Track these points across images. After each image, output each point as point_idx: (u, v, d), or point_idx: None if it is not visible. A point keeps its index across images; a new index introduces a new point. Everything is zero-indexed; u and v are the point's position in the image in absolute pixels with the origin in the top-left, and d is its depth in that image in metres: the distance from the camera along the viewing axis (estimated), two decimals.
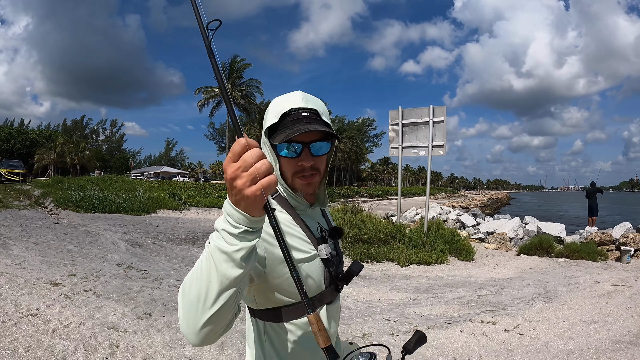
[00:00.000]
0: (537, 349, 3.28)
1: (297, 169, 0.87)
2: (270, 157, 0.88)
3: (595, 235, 9.36)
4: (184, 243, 7.34)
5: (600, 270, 6.81)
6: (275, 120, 0.84)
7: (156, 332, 3.05)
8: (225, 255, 0.62)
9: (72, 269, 5.07)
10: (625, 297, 4.87)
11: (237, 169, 0.59)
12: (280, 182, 0.90)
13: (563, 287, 5.41)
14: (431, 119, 8.46)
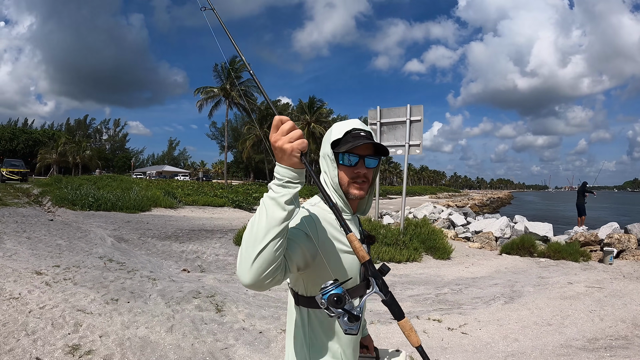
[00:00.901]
0: (475, 349, 3.24)
1: (353, 175, 1.06)
2: (331, 166, 1.07)
3: (580, 236, 9.29)
4: (168, 239, 7.75)
5: (579, 271, 6.74)
6: (339, 135, 1.06)
7: (117, 315, 3.46)
8: (272, 200, 0.83)
9: (57, 260, 5.49)
10: (594, 299, 4.77)
11: (278, 134, 0.83)
12: (335, 189, 1.08)
13: (531, 288, 5.36)
14: (408, 118, 8.56)
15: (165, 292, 4.11)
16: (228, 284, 4.60)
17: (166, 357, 2.63)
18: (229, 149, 71.05)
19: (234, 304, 3.70)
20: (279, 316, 3.46)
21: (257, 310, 3.56)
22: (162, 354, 2.67)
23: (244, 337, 2.95)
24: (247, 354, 2.64)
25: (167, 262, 5.68)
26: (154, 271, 5.08)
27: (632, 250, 8.24)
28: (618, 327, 3.81)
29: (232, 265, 5.71)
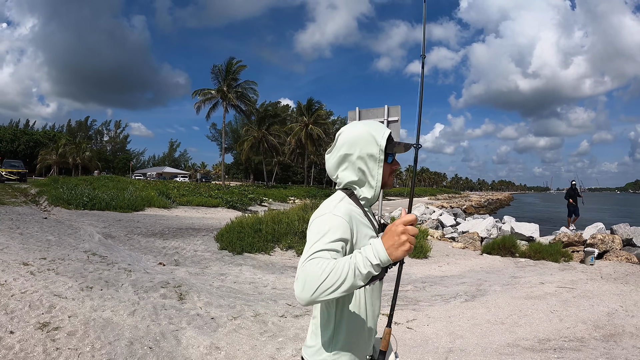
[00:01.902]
0: (415, 344, 3.30)
1: (391, 171, 1.23)
2: (377, 166, 1.18)
3: (563, 236, 9.26)
4: (153, 236, 8.15)
5: (556, 271, 6.71)
6: (385, 138, 1.18)
7: (89, 300, 3.85)
8: (361, 275, 0.91)
9: (45, 254, 5.89)
10: (560, 299, 4.75)
11: (407, 233, 0.92)
12: (379, 185, 1.20)
13: (498, 287, 5.35)
14: (386, 119, 8.44)
15: (137, 282, 4.50)
16: (197, 277, 4.99)
17: (122, 335, 3.01)
18: (230, 151, 71.66)
19: (196, 294, 4.08)
20: (234, 305, 3.79)
21: (216, 300, 3.94)
22: (119, 333, 3.05)
23: (196, 322, 3.30)
24: (194, 336, 2.99)
25: (147, 257, 6.07)
26: (131, 264, 5.47)
27: (616, 251, 8.21)
28: (576, 329, 3.75)
29: (206, 260, 6.09)
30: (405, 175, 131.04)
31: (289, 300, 4.24)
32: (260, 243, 6.83)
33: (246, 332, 3.10)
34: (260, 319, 3.53)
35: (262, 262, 6.13)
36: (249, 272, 5.37)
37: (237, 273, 5.29)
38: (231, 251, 6.68)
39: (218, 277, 4.98)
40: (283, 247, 6.97)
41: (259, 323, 3.32)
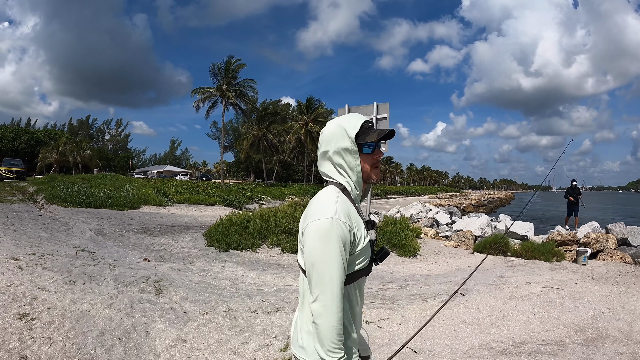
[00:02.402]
0: (383, 343, 3.29)
1: (373, 162, 1.20)
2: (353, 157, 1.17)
3: (556, 235, 9.11)
4: (144, 233, 8.29)
5: (546, 271, 6.60)
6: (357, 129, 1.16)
7: (70, 293, 3.99)
8: None
9: (35, 249, 6.04)
10: (545, 300, 4.65)
11: None
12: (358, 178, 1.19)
13: (483, 287, 5.30)
14: (374, 116, 8.46)
15: (119, 277, 4.64)
16: (179, 272, 5.13)
17: (95, 326, 3.15)
18: (231, 149, 71.81)
19: (174, 289, 4.21)
20: (209, 300, 3.91)
21: (192, 295, 4.07)
22: (93, 324, 3.19)
23: (168, 315, 3.43)
24: (163, 329, 3.12)
25: (134, 253, 6.21)
26: (117, 260, 5.62)
27: (610, 250, 8.04)
28: (556, 332, 3.64)
29: (192, 257, 6.23)
30: (407, 174, 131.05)
31: (264, 297, 4.29)
32: (247, 240, 6.97)
33: (215, 326, 3.22)
34: (232, 314, 3.61)
35: (247, 259, 6.26)
36: (231, 269, 5.50)
37: (219, 269, 5.42)
38: (218, 248, 6.82)
39: (199, 273, 5.11)
40: (270, 244, 7.11)
41: (230, 318, 3.42)
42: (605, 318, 4.07)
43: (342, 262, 1.08)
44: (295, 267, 6.00)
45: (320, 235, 1.08)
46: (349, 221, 1.11)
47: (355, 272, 1.16)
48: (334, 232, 1.07)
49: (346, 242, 1.09)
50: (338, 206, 1.12)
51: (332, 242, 1.07)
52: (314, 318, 1.08)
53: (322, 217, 1.09)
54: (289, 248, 6.85)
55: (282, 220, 7.54)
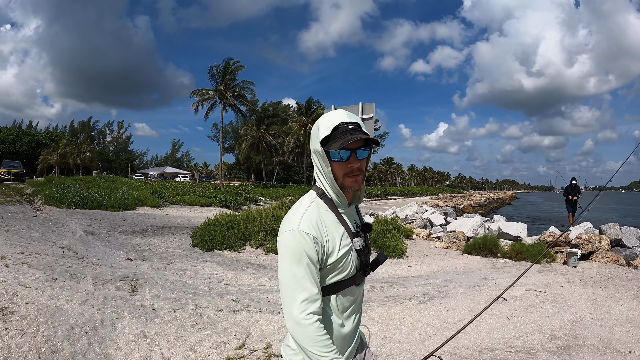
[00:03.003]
0: None
1: (347, 170, 1.08)
2: (324, 163, 1.09)
3: (548, 236, 8.95)
4: (133, 234, 8.50)
5: (534, 273, 6.46)
6: (327, 132, 1.05)
7: (50, 290, 4.19)
8: None
9: (24, 249, 6.23)
10: (525, 304, 4.55)
11: None
12: (331, 184, 1.10)
13: (462, 289, 5.23)
14: (360, 116, 8.98)
15: (99, 275, 4.83)
16: (158, 271, 5.32)
17: (67, 320, 3.34)
18: (231, 150, 72.16)
19: (149, 287, 4.39)
20: (180, 299, 4.06)
21: (165, 293, 4.24)
22: (65, 318, 3.38)
23: (137, 312, 3.60)
24: (129, 324, 3.29)
25: (118, 252, 6.41)
26: (101, 259, 5.82)
27: (603, 252, 7.88)
28: (530, 338, 3.49)
29: (174, 257, 6.41)
30: (409, 175, 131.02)
31: (235, 296, 4.39)
32: (230, 241, 7.15)
33: (179, 323, 3.37)
34: (199, 312, 3.73)
35: (228, 259, 6.44)
36: (210, 269, 5.68)
37: (198, 269, 5.60)
38: (202, 248, 7.01)
39: (178, 273, 5.30)
40: (253, 245, 7.29)
41: (195, 316, 3.57)
42: (586, 324, 3.89)
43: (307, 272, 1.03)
44: (273, 267, 6.22)
45: (281, 247, 1.06)
46: (314, 232, 1.04)
47: (338, 282, 1.11)
48: (293, 245, 1.03)
49: (311, 252, 1.03)
50: (305, 216, 1.07)
51: (291, 255, 1.03)
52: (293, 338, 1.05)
53: (285, 230, 1.06)
54: (272, 249, 7.02)
55: (267, 221, 7.72)
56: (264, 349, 2.97)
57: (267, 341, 3.10)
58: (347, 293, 1.14)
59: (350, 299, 1.16)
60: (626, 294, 5.10)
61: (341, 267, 1.10)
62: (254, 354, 2.84)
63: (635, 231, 9.21)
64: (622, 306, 4.53)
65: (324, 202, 1.12)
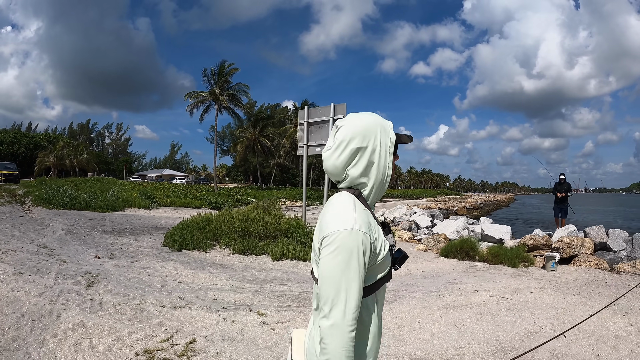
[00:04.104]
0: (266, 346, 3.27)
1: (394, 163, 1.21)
2: (388, 158, 1.15)
3: (528, 239, 8.70)
4: (111, 234, 8.85)
5: (507, 277, 6.36)
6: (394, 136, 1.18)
7: (14, 282, 4.53)
8: None
9: (2, 246, 6.55)
10: (481, 312, 4.38)
11: None
12: (385, 180, 1.16)
13: (421, 294, 5.15)
14: (331, 117, 8.65)
15: (63, 270, 5.18)
16: (120, 269, 5.65)
17: (19, 309, 3.68)
18: (230, 153, 72.63)
19: (105, 283, 4.71)
20: (129, 294, 4.31)
21: (118, 288, 4.51)
22: (18, 308, 3.72)
23: (84, 305, 3.91)
24: (73, 315, 3.59)
25: (90, 251, 6.75)
26: (71, 256, 6.17)
27: (585, 255, 7.59)
28: (471, 349, 3.35)
29: (142, 255, 6.71)
30: (408, 177, 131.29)
31: (183, 294, 4.58)
32: (199, 240, 7.49)
33: (119, 316, 3.66)
34: (141, 307, 3.93)
35: (193, 259, 6.76)
36: (171, 267, 5.99)
37: (159, 267, 5.92)
38: (171, 248, 7.35)
39: (138, 270, 5.62)
40: (222, 245, 7.62)
41: (137, 310, 3.84)
42: (543, 336, 3.67)
43: (361, 278, 1.04)
44: (234, 267, 6.47)
45: (338, 247, 1.03)
46: (369, 231, 1.07)
47: (378, 281, 1.14)
48: (354, 244, 1.03)
49: (366, 254, 1.05)
50: (357, 215, 1.07)
51: (352, 256, 1.03)
52: (322, 336, 1.03)
53: (341, 228, 1.05)
54: (239, 249, 7.30)
55: (236, 221, 8.06)
56: (186, 344, 3.17)
57: (194, 337, 3.31)
58: (382, 290, 1.19)
59: (383, 296, 1.22)
60: (599, 302, 4.84)
61: (384, 264, 1.14)
62: (173, 348, 3.06)
63: (622, 234, 8.99)
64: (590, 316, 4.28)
65: (362, 202, 1.14)
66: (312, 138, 9.17)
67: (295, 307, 4.33)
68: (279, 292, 5.00)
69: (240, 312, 3.93)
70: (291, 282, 5.67)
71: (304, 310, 4.19)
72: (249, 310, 4.00)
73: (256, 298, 4.63)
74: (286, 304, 4.49)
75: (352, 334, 1.02)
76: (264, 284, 5.50)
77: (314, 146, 9.25)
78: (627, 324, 4.11)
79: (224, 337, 3.33)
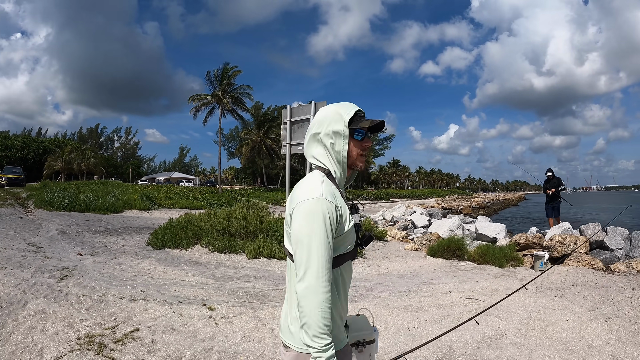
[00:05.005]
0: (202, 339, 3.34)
1: (362, 148, 1.25)
2: (342, 141, 1.22)
3: (520, 237, 8.44)
4: (102, 233, 9.23)
5: (489, 278, 6.17)
6: (351, 115, 1.23)
7: None
8: None
9: None
10: (444, 314, 4.20)
11: None
12: (342, 163, 1.24)
13: (387, 293, 5.07)
14: (312, 115, 8.47)
15: (43, 266, 5.54)
16: (97, 265, 5.98)
17: None
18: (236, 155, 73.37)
19: (78, 277, 5.03)
20: (95, 287, 4.61)
21: (88, 282, 4.82)
22: None
23: (51, 295, 4.22)
24: (38, 303, 3.91)
25: (75, 249, 7.11)
26: (55, 254, 6.54)
27: (578, 254, 7.25)
28: (415, 354, 3.18)
29: (122, 253, 7.04)
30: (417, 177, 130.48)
31: (146, 288, 4.77)
32: (180, 239, 7.80)
33: (78, 305, 3.95)
34: (102, 298, 4.16)
35: (172, 257, 7.06)
36: (146, 264, 6.29)
37: (135, 264, 6.23)
38: (153, 246, 7.69)
39: (113, 266, 5.94)
40: (203, 243, 7.92)
41: (96, 301, 4.11)
42: (503, 343, 3.44)
43: (329, 240, 1.11)
44: (208, 265, 6.67)
45: (306, 213, 1.12)
46: (335, 201, 1.15)
47: (342, 255, 1.20)
48: (320, 210, 1.11)
49: (332, 220, 1.12)
50: (324, 187, 1.16)
51: (319, 219, 1.10)
52: (299, 300, 1.09)
53: (309, 197, 1.14)
54: (218, 247, 7.54)
55: (217, 220, 8.36)
56: (128, 332, 3.35)
57: (138, 327, 3.49)
58: (347, 267, 1.25)
59: (348, 271, 1.27)
60: (582, 305, 4.55)
61: (348, 239, 1.21)
62: (115, 335, 3.26)
63: (622, 231, 8.76)
64: (567, 321, 3.98)
65: (330, 180, 1.22)
66: (295, 137, 9.23)
67: (249, 304, 4.40)
68: (241, 289, 5.13)
69: (192, 306, 4.08)
70: (258, 280, 5.79)
71: (257, 307, 4.25)
72: (202, 305, 4.14)
73: (215, 294, 4.77)
74: (242, 300, 4.59)
75: (327, 294, 1.08)
76: (230, 280, 5.64)
77: (296, 145, 9.25)
78: (606, 332, 3.70)
79: (166, 328, 3.49)
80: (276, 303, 4.47)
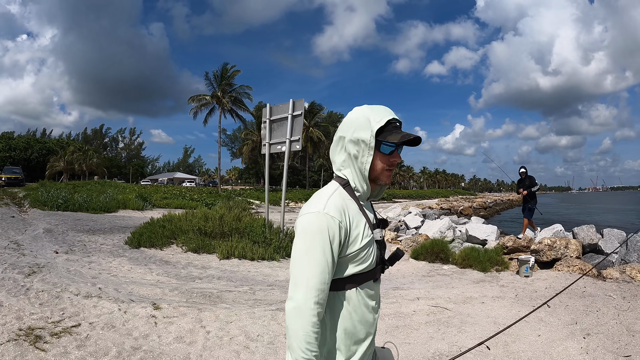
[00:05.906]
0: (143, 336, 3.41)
1: (388, 164, 1.12)
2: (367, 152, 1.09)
3: (507, 240, 8.04)
4: (86, 232, 9.52)
5: (467, 283, 5.92)
6: (382, 124, 1.08)
7: None
8: None
9: None
10: (400, 324, 3.98)
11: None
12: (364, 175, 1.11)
13: None
14: (290, 113, 8.47)
15: (16, 262, 5.82)
16: (69, 262, 6.24)
17: None
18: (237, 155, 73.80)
19: (46, 274, 5.27)
20: (57, 282, 4.80)
21: (53, 279, 5.04)
22: None
23: (15, 290, 4.46)
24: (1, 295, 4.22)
25: (53, 247, 7.41)
26: (33, 251, 6.82)
27: (569, 259, 6.82)
28: None
29: (98, 252, 7.28)
30: (422, 177, 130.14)
31: (104, 285, 4.90)
32: (155, 239, 8.03)
33: (34, 300, 4.16)
34: (58, 294, 4.27)
35: (144, 256, 7.27)
36: (117, 262, 6.50)
37: (106, 262, 6.45)
38: (130, 245, 7.94)
39: (83, 264, 6.17)
40: (179, 243, 8.15)
41: (52, 296, 4.28)
42: None
43: (326, 258, 1.02)
44: (178, 264, 6.81)
45: (302, 228, 1.05)
46: (339, 216, 1.05)
47: (356, 275, 1.10)
48: (317, 225, 1.03)
49: (333, 237, 1.03)
50: (330, 200, 1.07)
51: (314, 235, 1.02)
52: (286, 319, 1.02)
53: (309, 211, 1.06)
54: (192, 247, 7.68)
55: (194, 220, 8.60)
56: (69, 327, 3.45)
57: (81, 322, 3.57)
58: (365, 287, 1.13)
59: (370, 294, 1.15)
60: (561, 318, 4.12)
61: (363, 257, 1.10)
62: (55, 329, 3.39)
63: (619, 234, 8.29)
64: (538, 337, 3.56)
65: (347, 192, 1.13)
66: (275, 136, 8.99)
67: (199, 304, 4.34)
68: (198, 289, 5.09)
69: (140, 305, 4.12)
70: (220, 280, 5.75)
71: (205, 308, 4.20)
72: (150, 304, 4.18)
73: (170, 293, 4.79)
74: (194, 300, 4.55)
75: (314, 318, 1.00)
76: (191, 280, 5.66)
77: (275, 144, 9.02)
78: (582, 352, 3.25)
79: (105, 325, 3.57)
80: (227, 305, 4.43)
